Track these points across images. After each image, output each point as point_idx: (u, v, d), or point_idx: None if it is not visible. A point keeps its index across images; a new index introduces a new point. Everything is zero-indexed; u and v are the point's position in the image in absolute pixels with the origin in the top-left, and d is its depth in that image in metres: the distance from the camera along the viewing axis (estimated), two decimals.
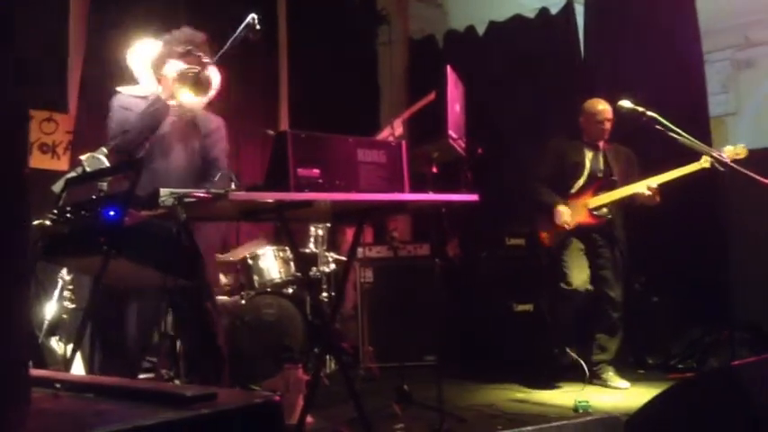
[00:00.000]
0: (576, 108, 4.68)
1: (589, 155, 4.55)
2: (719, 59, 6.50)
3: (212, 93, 3.18)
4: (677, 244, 5.30)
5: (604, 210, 4.41)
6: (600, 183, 4.45)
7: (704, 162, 4.08)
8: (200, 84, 3.13)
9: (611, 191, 4.39)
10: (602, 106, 4.53)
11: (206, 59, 3.16)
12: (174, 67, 3.14)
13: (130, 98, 3.23)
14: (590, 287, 4.41)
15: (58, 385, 1.28)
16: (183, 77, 3.12)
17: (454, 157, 3.54)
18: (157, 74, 3.20)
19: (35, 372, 1.38)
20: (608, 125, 4.51)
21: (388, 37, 7.42)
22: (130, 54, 3.26)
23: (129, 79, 3.33)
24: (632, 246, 4.50)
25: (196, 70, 3.12)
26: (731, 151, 4.02)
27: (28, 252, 1.03)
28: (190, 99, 3.14)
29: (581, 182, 4.49)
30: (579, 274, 4.40)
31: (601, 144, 4.58)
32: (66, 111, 4.98)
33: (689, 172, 4.13)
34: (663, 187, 4.22)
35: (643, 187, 4.23)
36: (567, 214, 4.41)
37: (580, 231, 4.43)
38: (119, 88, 3.27)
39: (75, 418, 1.04)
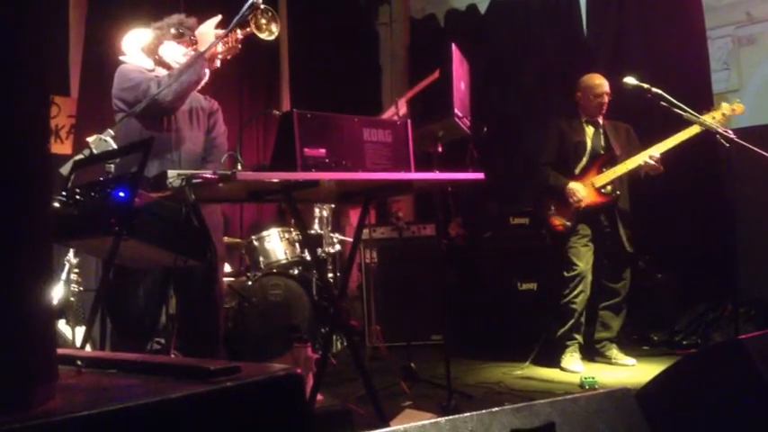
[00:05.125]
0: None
1: (590, 132, 4.48)
2: (721, 36, 6.47)
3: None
4: (681, 220, 5.32)
5: (609, 187, 4.32)
6: (602, 159, 4.37)
7: (697, 127, 4.02)
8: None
9: (615, 166, 4.31)
10: (599, 80, 4.46)
11: (198, 42, 3.19)
12: (171, 47, 3.19)
13: (141, 68, 3.18)
14: (591, 277, 4.35)
15: (79, 362, 1.29)
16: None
17: (459, 135, 3.54)
18: (153, 57, 3.23)
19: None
20: (606, 99, 4.43)
21: (389, 17, 7.39)
22: (125, 40, 3.27)
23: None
24: (636, 222, 4.47)
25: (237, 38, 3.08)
26: (727, 108, 4.00)
27: (50, 230, 1.03)
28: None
29: (584, 161, 4.41)
30: (583, 263, 4.32)
31: (600, 120, 4.50)
32: (68, 94, 4.97)
33: (687, 137, 4.07)
34: (666, 159, 4.18)
35: (645, 157, 4.19)
36: (581, 190, 4.31)
37: (588, 213, 4.34)
38: (122, 58, 3.24)
39: (102, 392, 1.05)
